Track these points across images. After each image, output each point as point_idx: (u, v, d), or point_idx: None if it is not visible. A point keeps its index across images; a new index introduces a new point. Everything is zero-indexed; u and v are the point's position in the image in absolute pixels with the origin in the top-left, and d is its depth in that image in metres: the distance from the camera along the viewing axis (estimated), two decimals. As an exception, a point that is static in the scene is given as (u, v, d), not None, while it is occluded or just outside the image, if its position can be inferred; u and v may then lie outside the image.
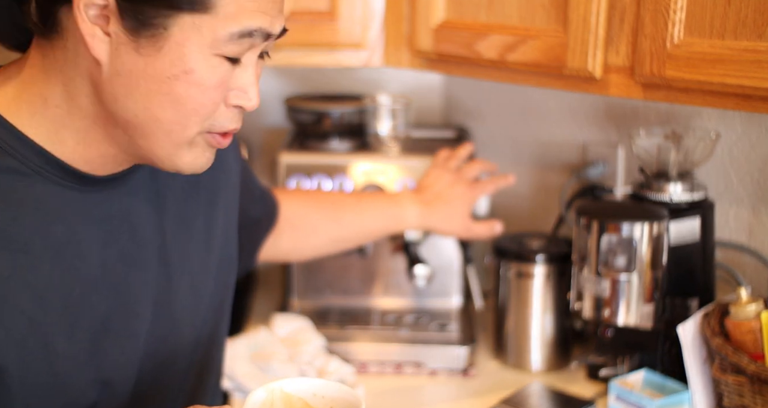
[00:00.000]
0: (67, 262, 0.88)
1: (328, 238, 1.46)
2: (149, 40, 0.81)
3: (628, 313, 1.38)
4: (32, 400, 0.86)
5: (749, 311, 1.25)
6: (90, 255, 0.90)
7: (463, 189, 1.53)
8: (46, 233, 0.87)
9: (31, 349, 0.85)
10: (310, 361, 1.52)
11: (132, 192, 0.96)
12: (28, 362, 0.85)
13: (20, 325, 0.84)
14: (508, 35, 1.31)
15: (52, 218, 0.87)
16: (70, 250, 0.89)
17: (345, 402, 0.86)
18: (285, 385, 0.86)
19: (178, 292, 1.02)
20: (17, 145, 0.86)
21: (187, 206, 1.04)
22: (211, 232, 1.09)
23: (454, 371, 1.57)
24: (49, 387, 0.87)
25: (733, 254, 1.50)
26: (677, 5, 1.11)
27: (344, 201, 1.48)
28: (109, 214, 0.93)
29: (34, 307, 0.85)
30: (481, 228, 1.54)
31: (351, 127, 1.70)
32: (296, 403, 0.86)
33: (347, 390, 0.86)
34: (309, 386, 0.87)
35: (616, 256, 1.38)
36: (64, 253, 0.88)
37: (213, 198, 1.09)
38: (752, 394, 1.22)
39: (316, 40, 1.51)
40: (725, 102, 1.11)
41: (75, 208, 0.89)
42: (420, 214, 1.49)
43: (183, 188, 1.04)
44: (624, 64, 1.20)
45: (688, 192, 1.40)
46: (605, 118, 1.67)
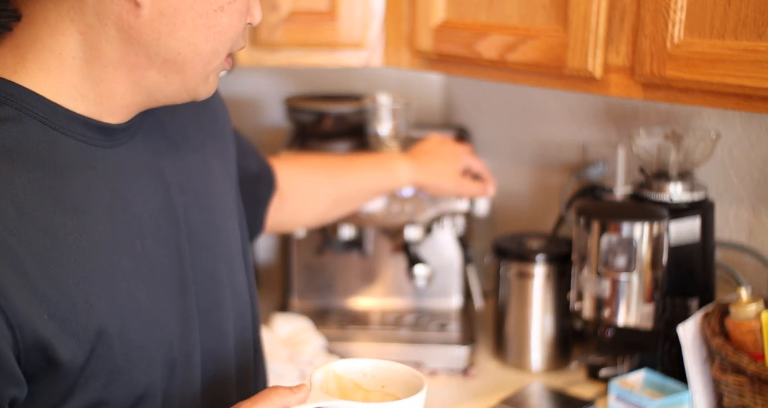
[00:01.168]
0: (119, 218, 0.88)
1: (330, 199, 1.47)
2: None
3: (628, 313, 1.38)
4: (136, 356, 0.86)
5: (749, 311, 1.25)
6: (137, 210, 0.90)
7: (453, 146, 1.56)
8: (93, 192, 0.86)
9: (121, 306, 0.85)
10: (310, 361, 1.52)
11: (150, 144, 0.95)
12: (124, 319, 0.85)
13: (106, 281, 0.84)
14: (508, 35, 1.32)
15: (92, 177, 0.87)
16: (118, 207, 0.88)
17: (400, 380, 0.86)
18: (337, 366, 0.86)
19: (218, 236, 1.02)
20: (41, 108, 0.84)
21: (203, 149, 1.05)
22: (228, 175, 1.10)
23: (454, 371, 1.57)
24: (145, 342, 0.87)
25: (733, 254, 1.50)
26: (677, 5, 1.11)
27: (337, 161, 1.51)
28: (138, 168, 0.92)
29: (109, 265, 0.85)
30: (473, 186, 1.55)
31: (351, 127, 1.70)
32: (347, 384, 0.87)
33: (404, 368, 0.86)
34: (360, 366, 0.87)
35: (617, 256, 1.38)
36: (115, 210, 0.88)
37: (222, 140, 1.11)
38: (752, 394, 1.22)
39: (316, 40, 1.51)
40: (725, 102, 1.11)
41: (106, 165, 0.88)
42: (411, 168, 1.51)
43: (194, 132, 1.04)
44: (624, 64, 1.20)
45: (688, 192, 1.40)
46: (605, 118, 1.67)
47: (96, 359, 0.83)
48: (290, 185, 1.40)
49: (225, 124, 1.14)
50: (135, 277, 0.87)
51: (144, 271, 0.89)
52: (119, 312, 0.84)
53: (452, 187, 1.54)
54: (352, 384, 0.87)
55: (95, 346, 0.82)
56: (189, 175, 0.99)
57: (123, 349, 0.85)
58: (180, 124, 1.02)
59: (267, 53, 1.54)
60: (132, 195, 0.90)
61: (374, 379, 0.87)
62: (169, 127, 1.00)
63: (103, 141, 0.89)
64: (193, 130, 1.04)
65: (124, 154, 0.91)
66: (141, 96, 0.89)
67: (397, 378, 0.86)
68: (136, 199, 0.90)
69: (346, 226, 1.64)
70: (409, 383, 0.85)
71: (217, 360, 0.99)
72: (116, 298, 0.85)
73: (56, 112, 0.85)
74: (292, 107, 1.71)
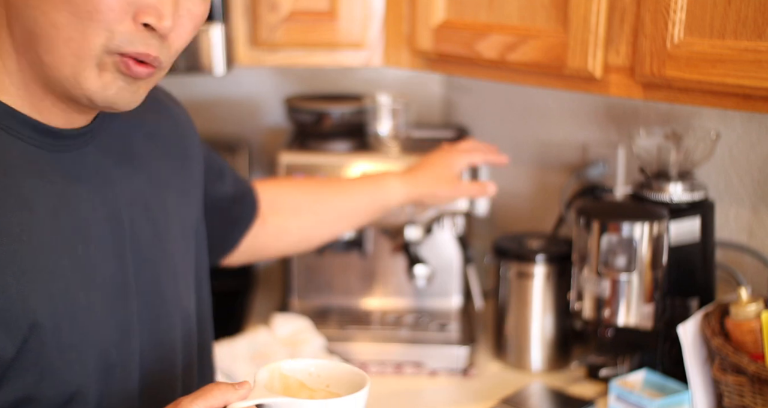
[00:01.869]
0: (64, 221, 0.88)
1: (315, 219, 1.40)
2: None
3: (628, 313, 1.38)
4: (68, 355, 0.86)
5: (749, 311, 1.25)
6: (83, 215, 0.90)
7: (446, 152, 1.46)
8: (39, 193, 0.86)
9: (57, 304, 0.85)
10: (310, 361, 1.52)
11: (102, 151, 0.95)
12: (58, 316, 0.85)
13: (43, 279, 0.84)
14: (509, 35, 1.31)
15: (39, 178, 0.87)
16: (63, 210, 0.88)
17: (344, 379, 0.86)
18: (283, 365, 0.86)
19: (164, 251, 1.01)
20: None
21: (160, 165, 1.04)
22: (187, 194, 1.09)
23: (454, 371, 1.57)
24: (79, 342, 0.87)
25: (734, 254, 1.50)
26: (677, 5, 1.11)
27: (325, 181, 1.46)
28: (88, 175, 0.92)
29: (50, 263, 0.85)
30: (471, 186, 1.46)
31: (351, 127, 1.70)
32: (292, 383, 0.87)
33: (348, 367, 0.86)
34: (305, 366, 0.87)
35: (617, 256, 1.38)
36: (60, 213, 0.88)
37: (183, 160, 1.09)
38: (752, 394, 1.22)
39: (316, 40, 1.51)
40: (725, 102, 1.11)
41: (54, 169, 0.89)
42: (403, 183, 1.41)
43: (153, 148, 1.04)
44: (624, 64, 1.20)
45: (689, 192, 1.40)
46: (605, 118, 1.67)
47: (27, 353, 0.83)
48: (272, 205, 1.36)
49: (190, 144, 1.13)
50: (73, 280, 0.88)
51: (83, 275, 0.89)
52: (54, 310, 0.85)
53: (448, 192, 1.43)
54: (297, 383, 0.87)
55: (27, 338, 0.83)
56: (141, 189, 0.99)
57: (56, 346, 0.85)
58: (141, 138, 1.02)
59: (267, 53, 1.54)
60: (78, 201, 0.90)
61: (319, 378, 0.87)
62: (128, 140, 1.00)
63: (51, 145, 0.89)
64: (155, 146, 1.04)
65: (74, 159, 0.91)
66: (51, 90, 0.87)
67: (341, 377, 0.87)
68: (83, 205, 0.91)
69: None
70: (353, 382, 0.85)
71: (161, 371, 0.99)
72: (53, 296, 0.85)
73: (4, 112, 0.86)
74: (292, 107, 1.72)
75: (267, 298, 1.89)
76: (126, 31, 0.83)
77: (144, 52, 0.84)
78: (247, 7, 1.51)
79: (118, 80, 0.85)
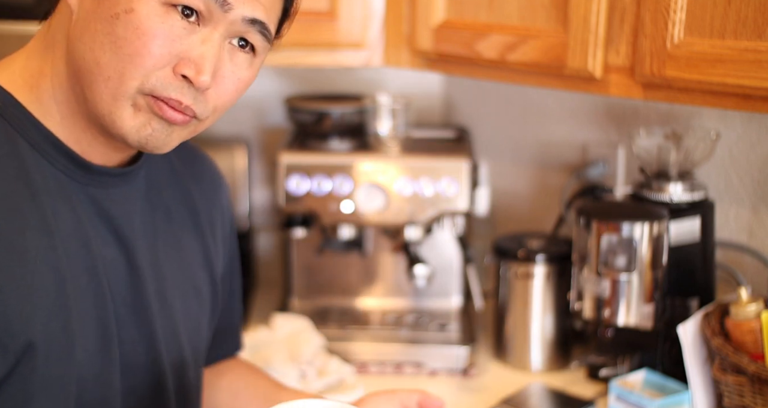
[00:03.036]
0: (75, 250, 0.89)
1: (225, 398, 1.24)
2: None
3: (628, 313, 1.38)
4: (52, 383, 0.86)
5: (749, 311, 1.25)
6: (93, 250, 0.91)
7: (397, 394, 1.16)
8: (60, 218, 0.88)
9: (53, 329, 0.86)
10: (310, 361, 1.52)
11: (129, 198, 0.96)
12: (52, 342, 0.86)
13: (46, 303, 0.85)
14: (509, 35, 1.32)
15: (63, 204, 0.89)
16: (77, 240, 0.89)
17: None
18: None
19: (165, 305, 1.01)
20: (26, 126, 0.88)
21: (183, 229, 1.05)
22: (203, 266, 1.08)
23: (454, 371, 1.57)
24: (67, 373, 0.87)
25: (734, 254, 1.50)
26: (677, 5, 1.11)
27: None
28: (109, 214, 0.94)
29: (56, 288, 0.86)
30: None
31: (351, 127, 1.70)
32: None
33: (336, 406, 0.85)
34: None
35: (617, 256, 1.38)
36: (73, 242, 0.89)
37: (206, 228, 1.09)
38: (752, 394, 1.22)
39: (316, 40, 1.51)
40: (725, 102, 1.11)
41: (81, 200, 0.91)
42: None
43: (177, 208, 1.05)
44: (624, 64, 1.20)
45: (689, 192, 1.41)
46: (605, 118, 1.67)
47: (14, 377, 0.83)
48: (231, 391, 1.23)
49: (221, 229, 1.13)
50: (73, 309, 0.88)
51: (82, 306, 0.89)
52: (50, 335, 0.85)
53: None
54: None
55: (20, 360, 0.83)
56: (156, 242, 1.00)
57: (43, 374, 0.85)
58: (174, 201, 1.04)
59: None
60: (94, 236, 0.91)
61: None
62: (160, 198, 1.01)
63: (82, 177, 0.91)
64: (186, 212, 1.06)
65: (101, 197, 0.93)
66: (93, 124, 0.89)
67: None
68: (97, 241, 0.92)
69: (346, 226, 1.64)
70: None
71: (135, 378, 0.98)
72: (50, 321, 0.86)
73: (45, 138, 0.88)
74: (292, 107, 1.71)
75: (267, 298, 1.89)
76: (163, 77, 0.85)
77: (176, 98, 0.86)
78: (247, 7, 1.51)
79: (152, 122, 0.87)
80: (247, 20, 0.87)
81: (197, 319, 1.08)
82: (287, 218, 1.68)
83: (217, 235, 1.12)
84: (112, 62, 0.84)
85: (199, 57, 0.85)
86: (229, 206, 1.18)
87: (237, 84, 0.90)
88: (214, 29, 0.86)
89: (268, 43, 0.92)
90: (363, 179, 1.62)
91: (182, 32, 0.84)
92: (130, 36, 0.83)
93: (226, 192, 1.17)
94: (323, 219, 1.64)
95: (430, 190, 1.61)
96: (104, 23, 0.83)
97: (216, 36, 0.86)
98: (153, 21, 0.83)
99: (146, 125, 0.87)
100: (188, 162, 1.11)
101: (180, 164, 1.09)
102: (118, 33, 0.83)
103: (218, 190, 1.15)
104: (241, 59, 0.90)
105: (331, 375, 1.49)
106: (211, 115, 0.91)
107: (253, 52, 0.91)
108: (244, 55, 0.90)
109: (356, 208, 1.62)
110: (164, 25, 0.83)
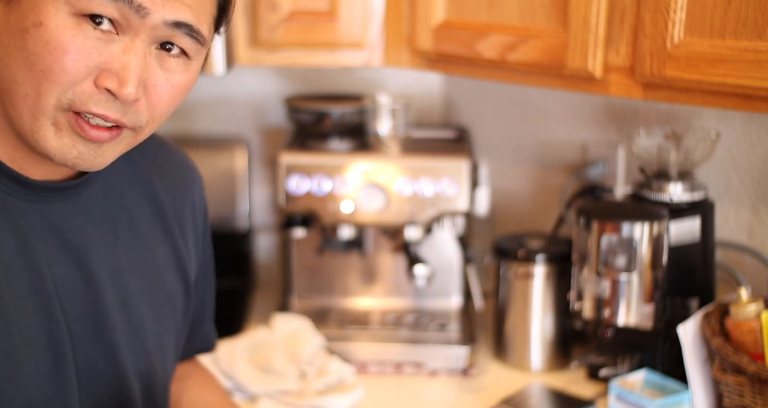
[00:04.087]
0: (18, 274, 0.85)
1: None
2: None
3: (628, 313, 1.38)
4: None
5: (749, 311, 1.25)
6: (40, 269, 0.87)
7: None
8: (5, 240, 0.84)
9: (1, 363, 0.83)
10: (310, 361, 1.52)
11: (79, 209, 0.92)
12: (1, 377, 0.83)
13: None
14: (509, 35, 1.32)
15: (8, 224, 0.85)
16: (21, 262, 0.85)
17: None
18: None
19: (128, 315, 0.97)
20: None
21: (146, 233, 1.00)
22: (173, 266, 1.04)
23: (454, 371, 1.57)
24: (12, 400, 0.84)
25: (734, 254, 1.50)
26: (677, 5, 1.11)
27: None
28: (56, 229, 0.89)
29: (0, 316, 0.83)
30: None
31: (351, 127, 1.70)
32: None
33: None
34: None
35: (617, 256, 1.38)
36: (17, 265, 0.85)
37: (175, 229, 1.04)
38: (752, 394, 1.22)
39: (316, 40, 1.51)
40: (725, 102, 1.11)
41: (25, 218, 0.86)
42: None
43: (142, 212, 1.00)
44: (624, 64, 1.20)
45: (689, 192, 1.41)
46: (605, 118, 1.67)
47: None
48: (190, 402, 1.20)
49: (193, 224, 1.08)
50: (18, 337, 0.84)
51: (28, 333, 0.86)
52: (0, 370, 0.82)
53: None
54: None
55: None
56: (115, 252, 0.95)
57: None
58: (135, 199, 0.99)
59: (267, 53, 1.54)
60: (39, 254, 0.87)
61: None
62: (116, 201, 0.96)
63: (24, 195, 0.86)
64: (150, 211, 1.01)
65: (47, 212, 0.88)
66: (15, 137, 0.85)
67: None
68: (42, 259, 0.87)
69: (346, 226, 1.64)
70: None
71: None
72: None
73: None
74: (292, 107, 1.72)
75: (267, 298, 1.89)
76: (81, 92, 0.80)
77: (101, 113, 0.80)
78: (247, 7, 1.51)
79: (77, 145, 0.82)
80: (170, 24, 0.81)
81: (169, 325, 1.03)
82: (287, 218, 1.68)
83: (187, 234, 1.07)
84: (27, 79, 0.79)
85: (122, 68, 0.79)
86: (201, 200, 1.11)
87: (172, 91, 0.84)
88: (135, 37, 0.80)
89: (201, 45, 0.85)
90: (363, 179, 1.62)
91: (98, 43, 0.79)
92: (41, 51, 0.78)
93: (197, 185, 1.10)
94: (323, 219, 1.64)
95: (430, 190, 1.61)
96: (15, 38, 0.78)
97: (138, 44, 0.80)
98: (64, 34, 0.77)
99: (71, 148, 0.82)
100: (152, 158, 1.04)
101: (144, 162, 1.02)
102: (29, 48, 0.78)
103: (188, 185, 1.08)
104: (173, 64, 0.84)
105: (331, 375, 1.49)
106: (150, 123, 0.85)
107: (186, 55, 0.84)
108: (176, 60, 0.84)
109: (356, 208, 1.62)
110: (76, 38, 0.78)
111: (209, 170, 1.87)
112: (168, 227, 1.03)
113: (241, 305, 1.85)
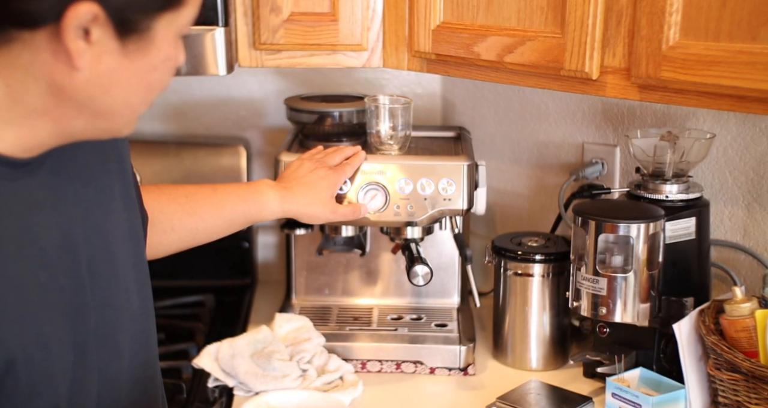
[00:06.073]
0: (26, 251, 0.88)
1: (186, 233, 1.39)
2: (135, 42, 0.83)
3: (624, 312, 1.39)
4: (39, 385, 0.87)
5: (744, 309, 1.26)
6: (42, 242, 0.91)
7: (325, 172, 1.50)
8: (3, 223, 0.87)
9: (27, 338, 0.86)
10: (310, 359, 1.53)
11: (54, 173, 0.95)
12: (29, 350, 0.86)
13: (13, 312, 0.85)
14: (507, 37, 1.33)
15: (1, 208, 0.87)
16: (25, 239, 0.89)
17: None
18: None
19: (114, 261, 1.01)
20: None
21: (104, 174, 1.04)
22: (130, 197, 1.09)
23: (454, 370, 1.58)
24: (48, 370, 0.88)
25: (729, 253, 1.51)
26: (673, 8, 1.12)
27: (199, 193, 1.40)
28: (42, 200, 0.92)
29: (17, 295, 0.86)
30: (346, 210, 1.51)
31: (351, 127, 1.71)
32: None
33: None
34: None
35: (613, 255, 1.40)
36: (23, 243, 0.88)
37: (121, 166, 1.08)
38: (747, 391, 1.23)
39: (316, 42, 1.52)
40: (720, 103, 1.12)
41: (13, 199, 0.89)
42: (281, 199, 1.43)
43: (97, 159, 1.03)
44: (620, 65, 1.21)
45: (684, 192, 1.42)
46: (602, 119, 1.69)
47: (1, 392, 0.83)
48: (150, 217, 1.31)
49: (124, 147, 1.12)
50: (41, 309, 0.88)
51: (48, 302, 0.89)
52: (27, 344, 0.85)
53: (326, 214, 1.48)
54: None
55: (2, 379, 0.83)
56: (90, 203, 0.99)
57: (29, 380, 0.85)
58: (83, 155, 1.01)
59: (268, 54, 1.55)
60: (37, 227, 0.90)
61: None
62: (72, 159, 0.99)
63: (8, 175, 0.88)
64: (98, 156, 1.04)
65: (28, 187, 0.91)
66: (63, 138, 0.90)
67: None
68: (41, 231, 0.91)
69: (346, 226, 1.65)
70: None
71: (112, 379, 0.99)
72: (24, 330, 0.85)
73: None
74: (292, 108, 1.72)
75: (268, 297, 1.90)
76: None
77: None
78: (248, 9, 1.52)
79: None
80: None
81: (143, 257, 1.09)
82: (287, 218, 1.68)
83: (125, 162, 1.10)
84: (144, 99, 0.90)
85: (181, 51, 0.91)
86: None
87: None
88: None
89: None
90: (363, 179, 1.63)
91: None
92: (167, 77, 0.90)
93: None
94: (323, 219, 1.64)
95: (430, 190, 1.62)
96: (141, 77, 0.87)
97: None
98: (179, 56, 0.90)
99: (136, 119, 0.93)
100: None
101: None
102: (156, 79, 0.88)
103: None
104: None
105: (331, 374, 1.50)
106: None
107: None
108: None
109: (356, 207, 1.63)
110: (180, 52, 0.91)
111: (210, 170, 1.88)
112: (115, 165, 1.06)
113: (242, 304, 1.86)
